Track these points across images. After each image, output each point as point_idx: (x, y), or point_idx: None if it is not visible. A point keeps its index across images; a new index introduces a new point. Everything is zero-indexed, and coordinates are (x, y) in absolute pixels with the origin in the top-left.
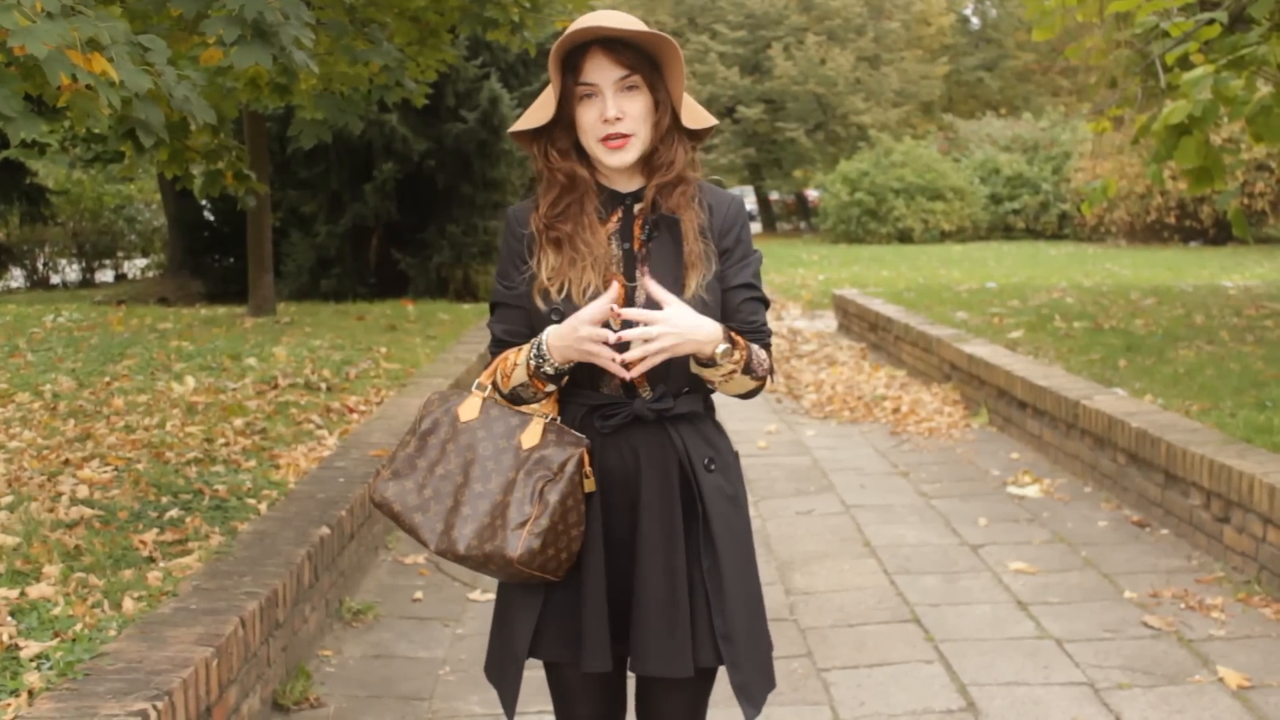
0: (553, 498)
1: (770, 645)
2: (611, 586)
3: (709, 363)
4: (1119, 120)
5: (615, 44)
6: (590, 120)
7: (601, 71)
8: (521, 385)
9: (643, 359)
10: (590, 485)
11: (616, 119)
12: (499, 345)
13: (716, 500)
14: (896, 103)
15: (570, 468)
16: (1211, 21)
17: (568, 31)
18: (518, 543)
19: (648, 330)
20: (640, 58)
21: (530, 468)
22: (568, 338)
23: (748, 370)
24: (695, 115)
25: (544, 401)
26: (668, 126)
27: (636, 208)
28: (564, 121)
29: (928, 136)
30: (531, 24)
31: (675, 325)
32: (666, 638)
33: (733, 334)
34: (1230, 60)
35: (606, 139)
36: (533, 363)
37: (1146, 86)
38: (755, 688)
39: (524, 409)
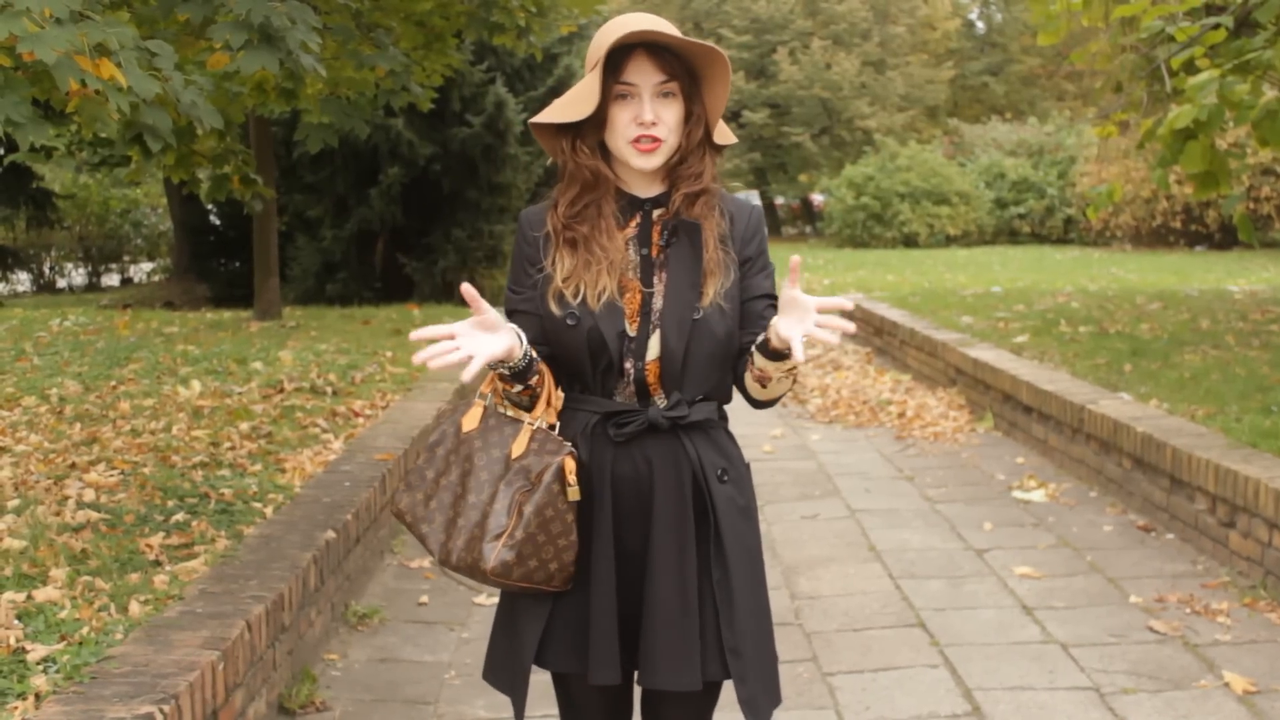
0: (529, 509)
1: (776, 658)
2: (621, 598)
3: (781, 355)
4: (1124, 125)
5: (659, 50)
6: (624, 120)
7: (643, 74)
8: (514, 391)
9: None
10: (574, 494)
11: (652, 123)
12: None
13: (729, 512)
14: (902, 107)
15: (547, 477)
16: (1217, 26)
17: (614, 30)
18: (492, 554)
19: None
20: (680, 67)
21: (510, 478)
22: None
23: (793, 376)
24: (722, 133)
25: (546, 409)
26: (699, 139)
27: (656, 214)
28: (596, 118)
29: (933, 141)
30: (537, 28)
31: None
32: (676, 651)
33: None
34: (1236, 65)
35: (637, 140)
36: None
37: (1152, 91)
38: (761, 702)
39: (522, 416)
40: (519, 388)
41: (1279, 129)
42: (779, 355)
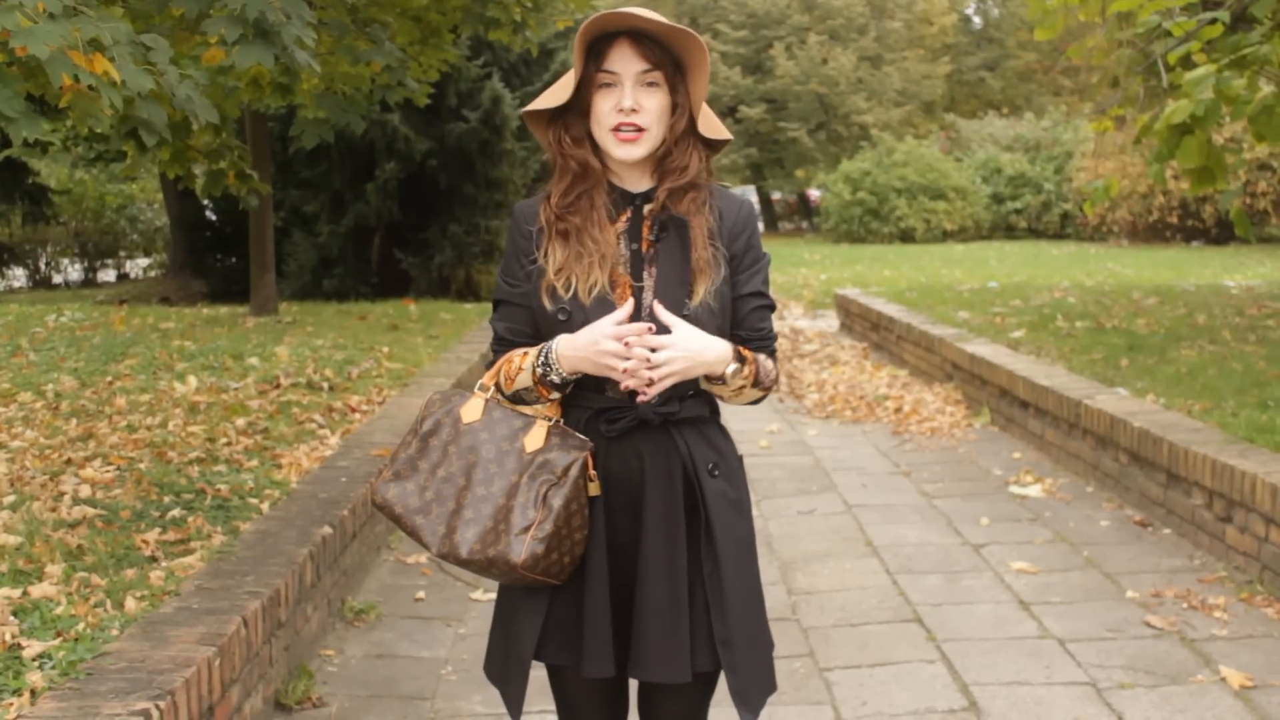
0: (556, 502)
1: (771, 646)
2: (614, 591)
3: (719, 380)
4: (1121, 120)
5: (642, 38)
6: (605, 109)
7: (624, 62)
8: (525, 389)
9: (650, 382)
10: (595, 489)
11: (632, 110)
12: (501, 343)
13: (719, 505)
14: (898, 102)
15: (574, 471)
16: (1214, 21)
17: (596, 17)
18: (521, 548)
19: (656, 356)
20: (665, 56)
21: (534, 471)
22: (584, 350)
23: (756, 383)
24: (712, 125)
25: (547, 404)
26: (683, 130)
27: (646, 208)
28: (579, 108)
29: (930, 136)
30: (533, 24)
31: (684, 348)
32: (666, 643)
33: (741, 349)
34: (1232, 60)
35: (618, 129)
36: (539, 370)
37: (1148, 86)
38: (753, 693)
39: (526, 410)
40: (554, 395)
41: (1275, 124)
42: (712, 379)
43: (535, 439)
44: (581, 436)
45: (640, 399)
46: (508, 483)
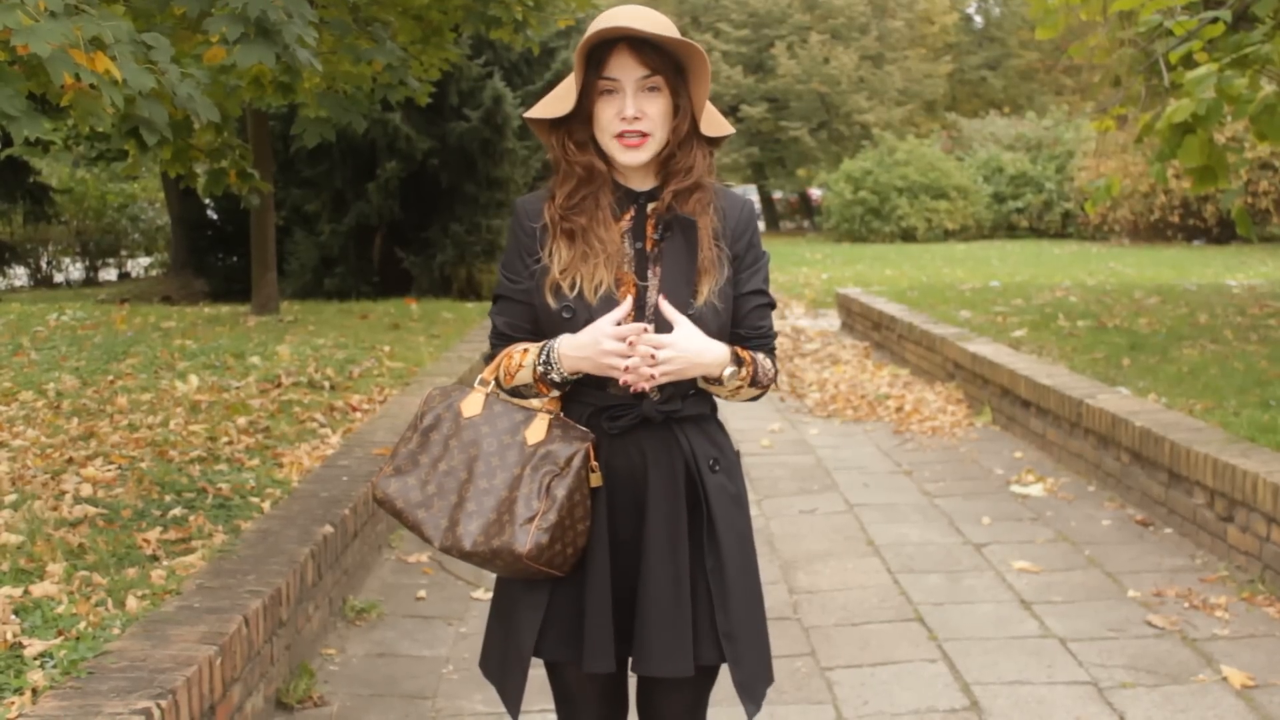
0: (560, 492)
1: (768, 642)
2: (615, 587)
3: (715, 381)
4: (1122, 119)
5: (642, 44)
6: (608, 116)
7: (625, 69)
8: (525, 385)
9: (650, 377)
10: (597, 480)
11: (635, 118)
12: (500, 338)
13: (721, 501)
14: (900, 101)
15: (576, 462)
16: (1215, 20)
17: (596, 25)
18: (526, 538)
19: (658, 354)
20: (665, 60)
21: (536, 463)
22: (586, 349)
23: (754, 383)
24: (715, 123)
25: (548, 399)
26: (686, 132)
27: (650, 207)
28: (582, 114)
29: (931, 135)
30: (534, 22)
31: (683, 349)
32: (670, 638)
33: (739, 351)
34: (1234, 59)
35: (622, 136)
36: (540, 368)
37: (1150, 85)
38: (756, 684)
39: (527, 404)
40: (555, 392)
41: (1277, 123)
42: (709, 380)
43: (537, 431)
44: (583, 428)
45: (635, 390)
46: (510, 475)
